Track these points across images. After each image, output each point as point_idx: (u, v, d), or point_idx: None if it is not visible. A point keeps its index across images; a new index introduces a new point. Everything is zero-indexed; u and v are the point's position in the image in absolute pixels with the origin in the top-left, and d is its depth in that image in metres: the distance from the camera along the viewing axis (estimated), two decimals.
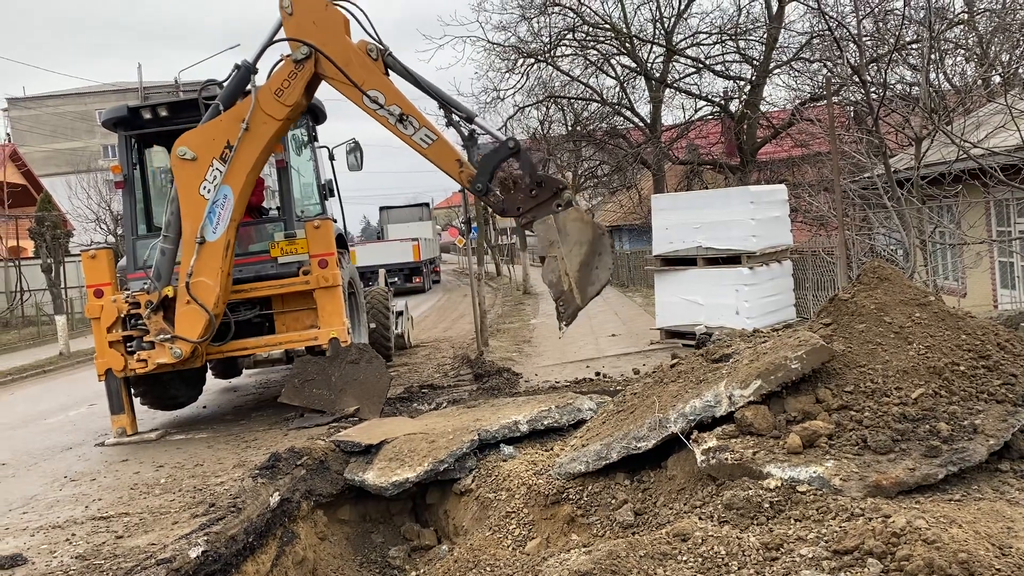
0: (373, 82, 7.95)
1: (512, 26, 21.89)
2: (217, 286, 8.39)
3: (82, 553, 5.34)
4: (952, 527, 3.24)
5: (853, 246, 10.79)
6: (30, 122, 58.25)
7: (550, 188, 7.68)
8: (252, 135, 8.21)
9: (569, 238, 7.54)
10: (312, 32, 7.97)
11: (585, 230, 7.55)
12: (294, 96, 8.14)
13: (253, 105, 8.14)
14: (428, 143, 7.97)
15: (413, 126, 7.92)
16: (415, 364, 12.95)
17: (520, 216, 7.80)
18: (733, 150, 23.06)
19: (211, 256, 8.36)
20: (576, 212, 7.61)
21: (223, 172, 8.24)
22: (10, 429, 11.15)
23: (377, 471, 5.87)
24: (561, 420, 6.18)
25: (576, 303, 7.53)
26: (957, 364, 4.41)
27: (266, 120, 8.20)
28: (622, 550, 3.56)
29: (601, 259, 7.54)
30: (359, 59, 7.96)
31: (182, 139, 8.36)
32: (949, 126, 9.71)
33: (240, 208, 8.50)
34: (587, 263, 7.51)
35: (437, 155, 8.04)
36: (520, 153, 7.88)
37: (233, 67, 8.36)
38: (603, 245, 7.56)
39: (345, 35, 8.07)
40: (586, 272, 7.52)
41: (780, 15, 20.19)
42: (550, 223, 7.59)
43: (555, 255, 7.56)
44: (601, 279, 7.57)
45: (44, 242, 25.03)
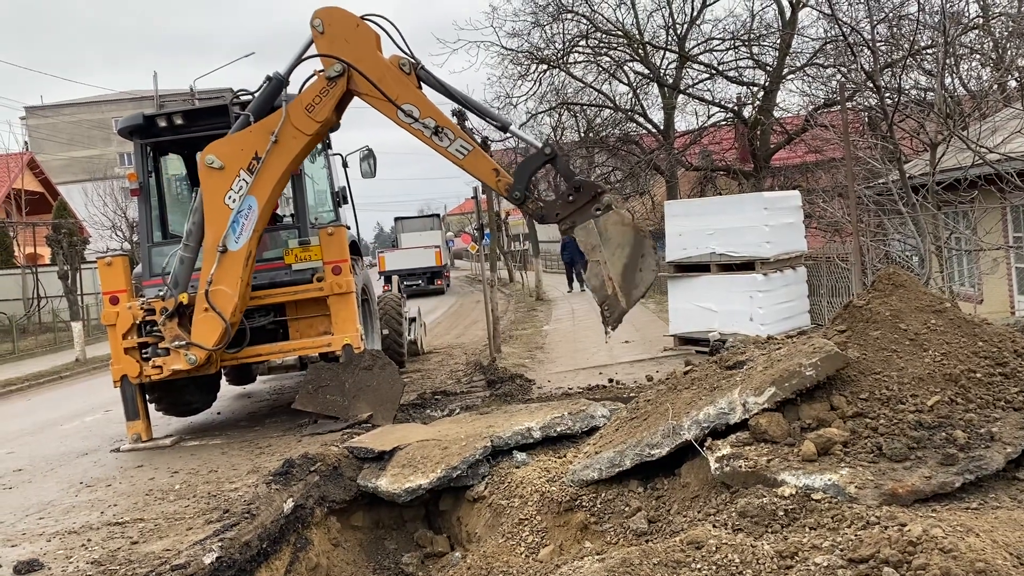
0: (407, 96, 7.96)
1: (525, 32, 21.97)
2: (236, 295, 8.43)
3: (98, 559, 5.37)
4: (969, 536, 3.21)
5: (868, 252, 10.74)
6: (47, 130, 58.83)
7: (588, 192, 7.66)
8: (280, 148, 8.22)
9: (611, 242, 7.51)
10: (344, 50, 7.98)
11: (626, 232, 7.52)
12: (325, 112, 8.14)
13: (283, 118, 8.15)
14: (464, 154, 7.98)
15: (448, 138, 7.93)
16: (428, 370, 12.97)
17: (560, 222, 7.78)
18: (747, 156, 23.01)
19: (232, 265, 8.40)
20: (616, 215, 7.58)
21: (249, 183, 8.26)
22: (27, 435, 11.24)
23: (390, 477, 5.88)
24: (574, 427, 6.17)
25: (621, 306, 7.52)
26: (974, 371, 4.38)
27: (295, 135, 8.21)
28: (636, 558, 3.55)
29: (644, 260, 7.51)
30: (392, 74, 7.96)
31: (210, 148, 8.39)
32: (965, 131, 9.66)
33: (264, 220, 8.54)
34: (630, 265, 7.49)
35: (473, 165, 8.05)
36: (556, 159, 7.88)
37: (264, 79, 8.40)
38: (645, 247, 7.52)
39: (377, 51, 8.09)
40: (630, 275, 7.50)
41: (793, 21, 20.16)
42: (591, 228, 7.56)
43: (598, 259, 7.54)
44: (646, 280, 7.54)
45: (61, 249, 25.19)
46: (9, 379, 18.00)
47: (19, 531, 6.36)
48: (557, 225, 7.92)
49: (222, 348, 8.67)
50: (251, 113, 8.36)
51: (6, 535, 6.28)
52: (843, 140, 10.38)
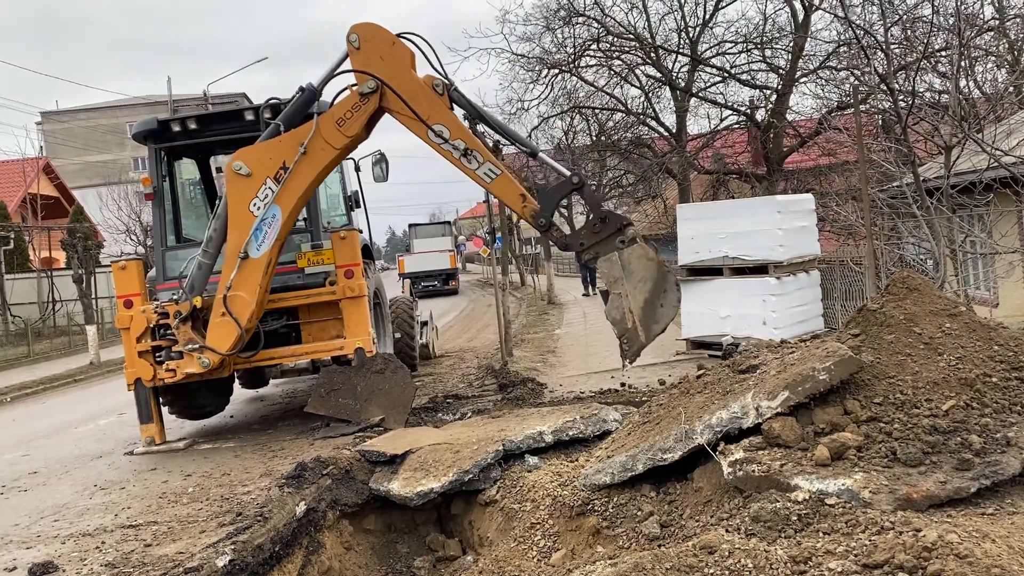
0: (438, 116, 7.96)
1: (536, 37, 21.96)
2: (253, 302, 8.46)
3: (112, 561, 5.40)
4: (985, 541, 3.18)
5: (882, 256, 10.68)
6: (63, 135, 59.29)
7: (614, 224, 7.63)
8: (309, 160, 8.23)
9: (633, 275, 7.45)
10: (379, 67, 7.98)
11: (649, 267, 7.47)
12: (355, 128, 8.16)
13: (314, 131, 8.16)
14: (492, 177, 7.97)
15: (477, 160, 7.92)
16: (440, 374, 12.98)
17: (583, 252, 7.76)
18: (759, 159, 22.94)
19: (252, 272, 8.43)
20: (641, 249, 7.53)
21: (275, 192, 8.28)
22: (42, 437, 11.31)
23: (402, 481, 5.88)
24: (586, 431, 6.16)
25: (640, 340, 7.44)
26: (989, 375, 4.34)
27: (324, 147, 8.22)
28: (648, 562, 3.54)
29: (667, 296, 7.45)
30: (425, 94, 7.97)
31: (239, 154, 8.42)
32: (980, 134, 9.59)
33: (286, 229, 8.57)
34: (651, 301, 7.43)
35: (500, 189, 8.05)
36: (584, 188, 7.86)
37: (298, 89, 8.43)
38: (668, 282, 7.47)
39: (411, 70, 8.09)
40: (650, 310, 7.43)
41: (806, 24, 20.08)
42: (614, 260, 7.52)
43: (619, 292, 7.48)
44: (667, 316, 7.47)
45: (75, 253, 25.39)
46: (24, 382, 18.14)
47: (34, 533, 6.40)
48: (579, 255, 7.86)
49: (235, 353, 8.70)
50: (282, 122, 8.38)
51: (21, 537, 6.32)
52: (857, 143, 10.33)
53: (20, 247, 32.09)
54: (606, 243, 7.60)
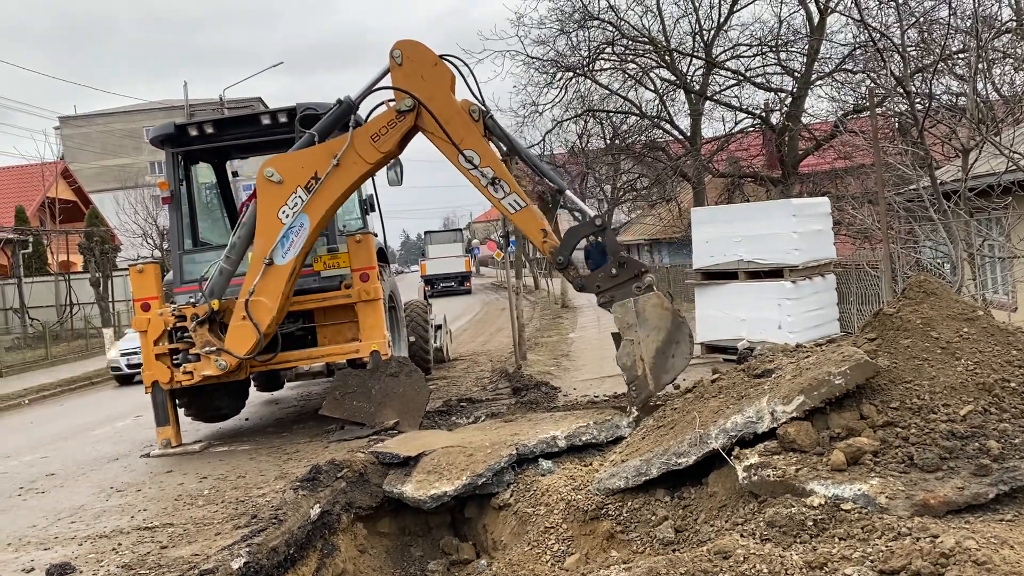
0: (471, 142, 7.98)
1: (551, 40, 21.97)
2: (275, 309, 8.49)
3: (128, 563, 5.43)
4: (1003, 548, 3.15)
5: (898, 259, 10.61)
6: (80, 140, 59.82)
7: (632, 270, 7.59)
8: (341, 172, 8.25)
9: (647, 323, 7.41)
10: (419, 86, 8.00)
11: (664, 316, 7.42)
12: (389, 144, 8.18)
13: (348, 144, 8.18)
14: (516, 209, 7.99)
15: (504, 190, 7.94)
16: (454, 378, 12.99)
17: (600, 294, 7.72)
18: (775, 162, 22.84)
19: (276, 279, 8.47)
20: (657, 298, 7.48)
21: (305, 201, 8.30)
22: (59, 440, 11.40)
23: (415, 484, 5.89)
24: (599, 436, 6.19)
25: (649, 389, 7.37)
26: (1008, 380, 4.31)
27: (357, 161, 8.25)
28: (662, 567, 3.53)
29: (679, 347, 7.38)
30: (461, 118, 7.98)
31: (270, 161, 8.46)
32: (998, 137, 9.52)
33: (313, 239, 8.60)
34: (663, 350, 7.37)
35: (523, 222, 8.06)
36: (605, 231, 7.85)
37: (336, 101, 8.46)
38: (682, 334, 7.40)
39: (450, 92, 8.11)
40: (662, 359, 7.36)
41: (822, 26, 19.99)
42: (629, 306, 7.48)
43: (631, 339, 7.43)
44: (677, 367, 7.41)
45: (93, 256, 25.62)
46: (42, 384, 18.29)
47: (51, 535, 6.45)
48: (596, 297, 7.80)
49: (253, 356, 8.73)
50: (316, 132, 8.42)
51: (39, 538, 6.37)
52: (873, 146, 10.27)
53: (38, 250, 32.40)
54: (622, 288, 7.56)
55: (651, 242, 36.91)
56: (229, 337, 8.55)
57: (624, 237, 45.40)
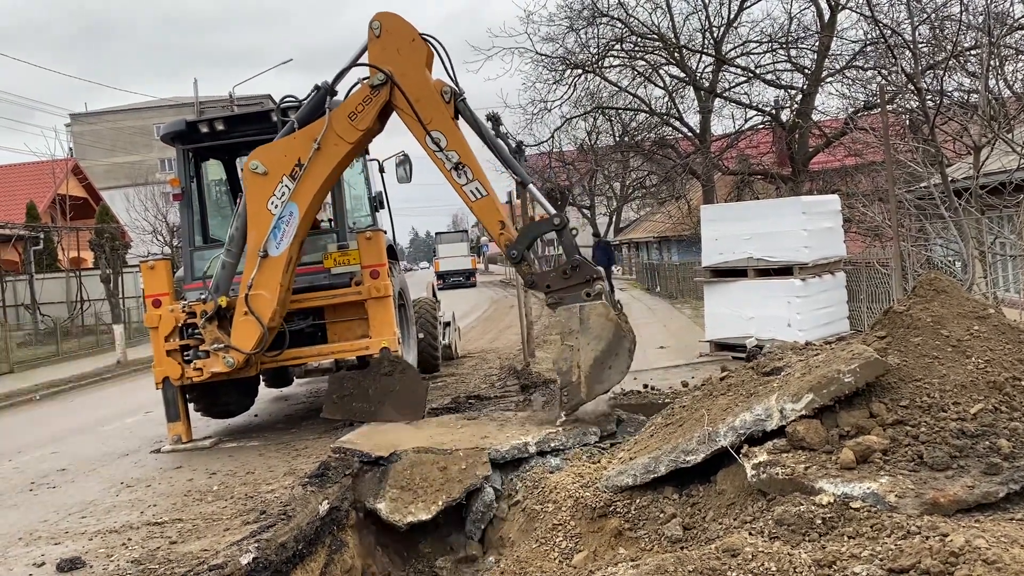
0: (438, 123, 7.92)
1: (560, 37, 21.94)
2: (275, 301, 8.50)
3: (138, 558, 5.46)
4: (1013, 547, 3.14)
5: (909, 257, 10.56)
6: (91, 137, 60.08)
7: (584, 275, 7.46)
8: (323, 155, 8.25)
9: (590, 331, 7.29)
10: (395, 60, 7.97)
11: (607, 327, 7.28)
12: (367, 121, 8.16)
13: (326, 126, 8.17)
14: (476, 197, 7.91)
15: (467, 176, 7.87)
16: (462, 375, 12.99)
17: (548, 295, 7.62)
18: (784, 160, 22.76)
19: (272, 271, 8.48)
20: (603, 308, 7.32)
21: (291, 189, 8.31)
22: (70, 435, 11.46)
23: (390, 502, 5.85)
24: (568, 443, 6.26)
25: (581, 397, 7.24)
26: (1019, 379, 4.28)
27: (338, 142, 8.23)
28: (670, 565, 3.53)
29: (617, 360, 7.24)
30: (432, 98, 7.94)
31: (255, 153, 8.47)
32: (1010, 134, 9.46)
33: (305, 226, 8.57)
34: (601, 360, 7.25)
35: (482, 211, 7.99)
36: (564, 231, 7.71)
37: (313, 87, 8.47)
38: (622, 347, 7.26)
39: (425, 70, 8.07)
40: (598, 369, 7.24)
41: (832, 23, 19.89)
42: (574, 311, 7.36)
43: (572, 344, 7.32)
44: (612, 380, 7.30)
45: (103, 253, 25.71)
46: (53, 380, 18.39)
47: (62, 529, 6.48)
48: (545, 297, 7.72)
49: (259, 352, 8.76)
50: (297, 120, 8.42)
51: (50, 533, 6.41)
52: (883, 143, 10.22)
53: (49, 247, 32.56)
54: (572, 291, 7.45)
55: (660, 239, 36.85)
56: (234, 333, 8.57)
57: (633, 234, 45.38)
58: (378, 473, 6.11)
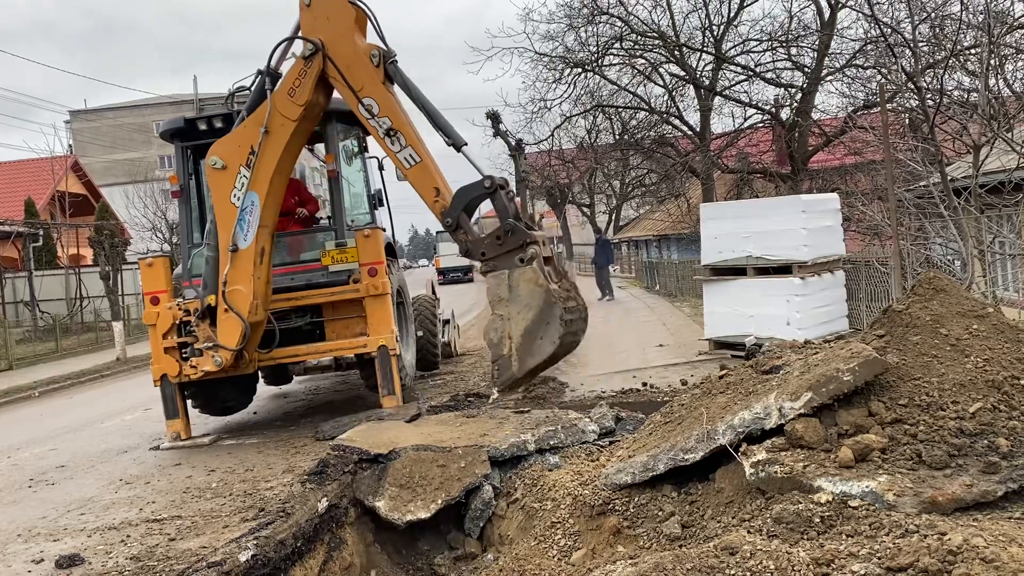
0: (370, 89, 7.70)
1: (559, 36, 21.94)
2: (251, 294, 8.43)
3: (136, 554, 5.47)
4: (1012, 546, 3.14)
5: (908, 256, 10.57)
6: (91, 134, 60.05)
7: (517, 239, 7.06)
8: (271, 138, 8.18)
9: (519, 299, 6.87)
10: (324, 28, 7.83)
11: (536, 294, 6.83)
12: (305, 94, 8.03)
13: (270, 107, 8.12)
14: (410, 164, 7.66)
15: (400, 143, 7.61)
16: (461, 372, 13.00)
17: (484, 262, 7.30)
18: (784, 158, 22.77)
19: (244, 263, 8.42)
20: (532, 273, 6.91)
21: (249, 178, 8.28)
22: (69, 432, 11.46)
23: (389, 500, 5.83)
24: (566, 440, 6.23)
25: (512, 371, 6.89)
26: (1018, 378, 4.28)
27: (283, 121, 8.14)
28: (669, 563, 3.53)
29: (548, 329, 6.77)
30: (361, 63, 7.73)
31: (213, 149, 8.45)
32: (1009, 133, 9.46)
33: (269, 214, 8.49)
34: (532, 331, 6.82)
35: (416, 178, 7.74)
36: (495, 194, 7.33)
37: (255, 73, 8.41)
38: (552, 315, 6.79)
39: (355, 35, 7.86)
40: (529, 340, 6.83)
41: (832, 22, 19.90)
42: (502, 278, 6.98)
43: (501, 314, 6.95)
44: (544, 351, 6.84)
45: (103, 250, 25.71)
46: (52, 377, 18.39)
47: (61, 526, 6.49)
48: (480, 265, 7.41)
49: (244, 347, 8.70)
50: (246, 109, 8.38)
51: (49, 530, 6.41)
52: (883, 142, 10.23)
53: (48, 244, 32.54)
54: (505, 258, 7.09)
55: (660, 238, 36.87)
56: (219, 331, 8.56)
57: (633, 232, 45.39)
58: (377, 471, 6.10)
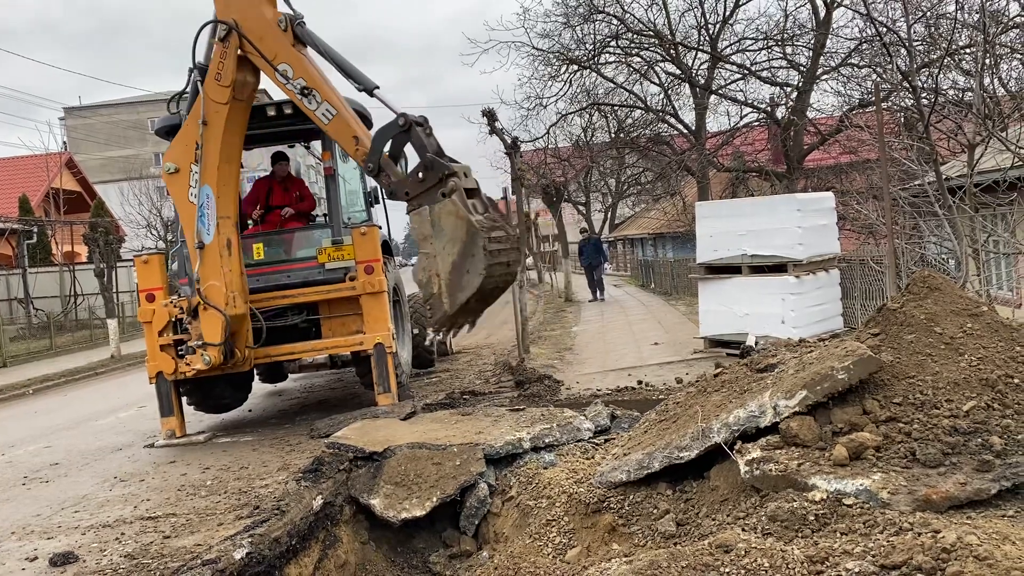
0: (283, 55, 7.73)
1: (556, 33, 21.93)
2: (223, 286, 8.45)
3: (131, 552, 5.46)
4: (1005, 544, 3.15)
5: (903, 255, 10.59)
6: (85, 131, 59.89)
7: (437, 173, 6.85)
8: (210, 128, 8.25)
9: (443, 234, 6.65)
10: (235, 6, 7.88)
11: (459, 226, 6.61)
12: (230, 75, 8.06)
13: (202, 97, 8.21)
14: (328, 119, 7.66)
15: (316, 100, 7.64)
16: (457, 370, 13.00)
17: (408, 202, 7.09)
18: (779, 157, 22.79)
19: (212, 257, 8.44)
20: (452, 205, 6.68)
21: (198, 173, 8.35)
22: (63, 429, 11.44)
23: (384, 498, 5.84)
24: (562, 438, 6.24)
25: (444, 309, 6.73)
26: (1011, 376, 4.30)
27: (216, 108, 8.19)
28: (663, 560, 3.53)
29: (473, 261, 6.57)
30: (271, 31, 7.77)
31: (165, 156, 8.60)
32: (1004, 132, 9.48)
33: (226, 204, 8.51)
34: (459, 265, 6.61)
35: (336, 131, 7.76)
36: (410, 131, 7.09)
37: (188, 70, 8.46)
38: (475, 246, 6.58)
39: (263, 6, 7.90)
40: (456, 275, 6.63)
41: (828, 20, 19.92)
42: (424, 215, 6.76)
43: (427, 251, 6.78)
44: (472, 284, 6.63)
45: (97, 247, 25.58)
46: (46, 375, 18.35)
47: (55, 524, 6.47)
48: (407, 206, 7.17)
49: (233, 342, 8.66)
50: (186, 110, 8.47)
51: (43, 527, 6.40)
52: (878, 141, 10.24)
53: (43, 241, 32.46)
54: (427, 194, 6.85)
55: (655, 236, 36.88)
56: (203, 329, 8.58)
57: (628, 231, 45.40)
58: (372, 469, 6.10)
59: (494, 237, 6.77)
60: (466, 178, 6.97)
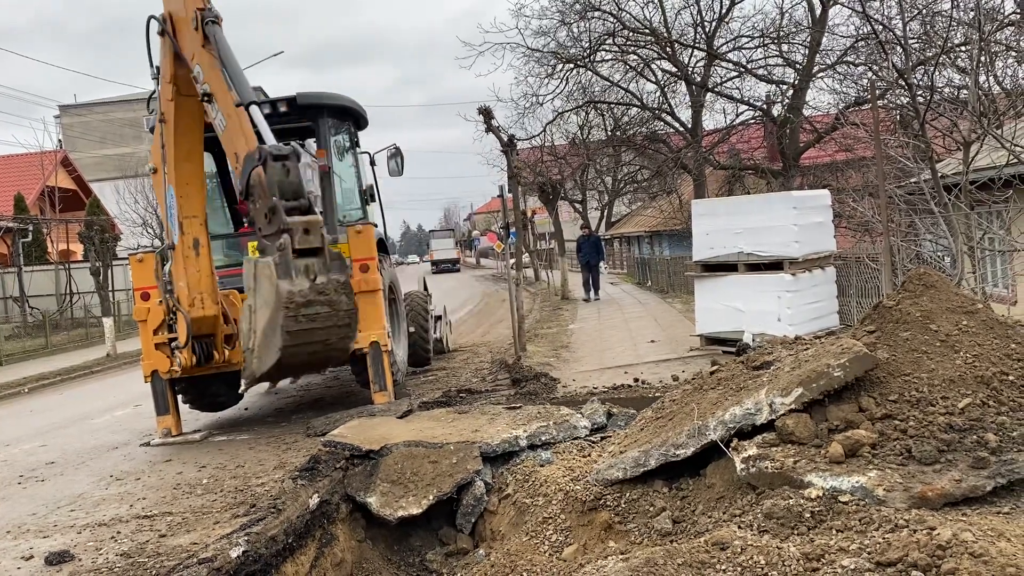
0: (197, 56, 7.29)
1: (552, 31, 21.93)
2: (187, 287, 8.43)
3: (127, 551, 5.45)
4: (1000, 540, 3.16)
5: (898, 252, 10.60)
6: (80, 128, 59.69)
7: (274, 225, 6.22)
8: (168, 126, 8.25)
9: (260, 294, 6.18)
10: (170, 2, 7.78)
11: (271, 292, 6.09)
12: (168, 71, 7.99)
13: (158, 97, 8.24)
14: (222, 128, 7.11)
15: (215, 108, 7.15)
16: (453, 368, 12.99)
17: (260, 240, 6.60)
18: (775, 155, 22.83)
19: (177, 259, 8.47)
20: (269, 269, 6.10)
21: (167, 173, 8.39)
22: (59, 428, 11.42)
23: (380, 496, 5.83)
24: (558, 436, 6.25)
25: (252, 367, 6.34)
26: (1006, 374, 4.30)
27: (167, 106, 8.18)
28: (660, 558, 3.54)
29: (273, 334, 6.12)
30: (188, 29, 7.40)
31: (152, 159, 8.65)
32: (999, 130, 9.50)
33: (190, 204, 8.42)
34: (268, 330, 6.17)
35: (224, 142, 7.17)
36: (266, 165, 6.35)
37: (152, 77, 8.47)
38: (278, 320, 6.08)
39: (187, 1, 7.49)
40: (267, 338, 6.18)
41: (823, 18, 19.95)
42: (250, 268, 6.25)
43: (250, 304, 6.33)
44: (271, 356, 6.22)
45: (93, 246, 25.59)
46: (42, 373, 18.31)
47: (51, 523, 6.46)
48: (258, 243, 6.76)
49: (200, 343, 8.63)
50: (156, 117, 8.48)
51: (38, 526, 6.39)
52: (874, 139, 10.25)
53: (38, 239, 32.37)
54: (270, 239, 6.31)
55: (651, 234, 36.90)
56: (178, 330, 8.63)
57: (625, 229, 45.39)
58: (368, 467, 6.09)
59: (306, 314, 6.20)
60: (306, 235, 6.25)
